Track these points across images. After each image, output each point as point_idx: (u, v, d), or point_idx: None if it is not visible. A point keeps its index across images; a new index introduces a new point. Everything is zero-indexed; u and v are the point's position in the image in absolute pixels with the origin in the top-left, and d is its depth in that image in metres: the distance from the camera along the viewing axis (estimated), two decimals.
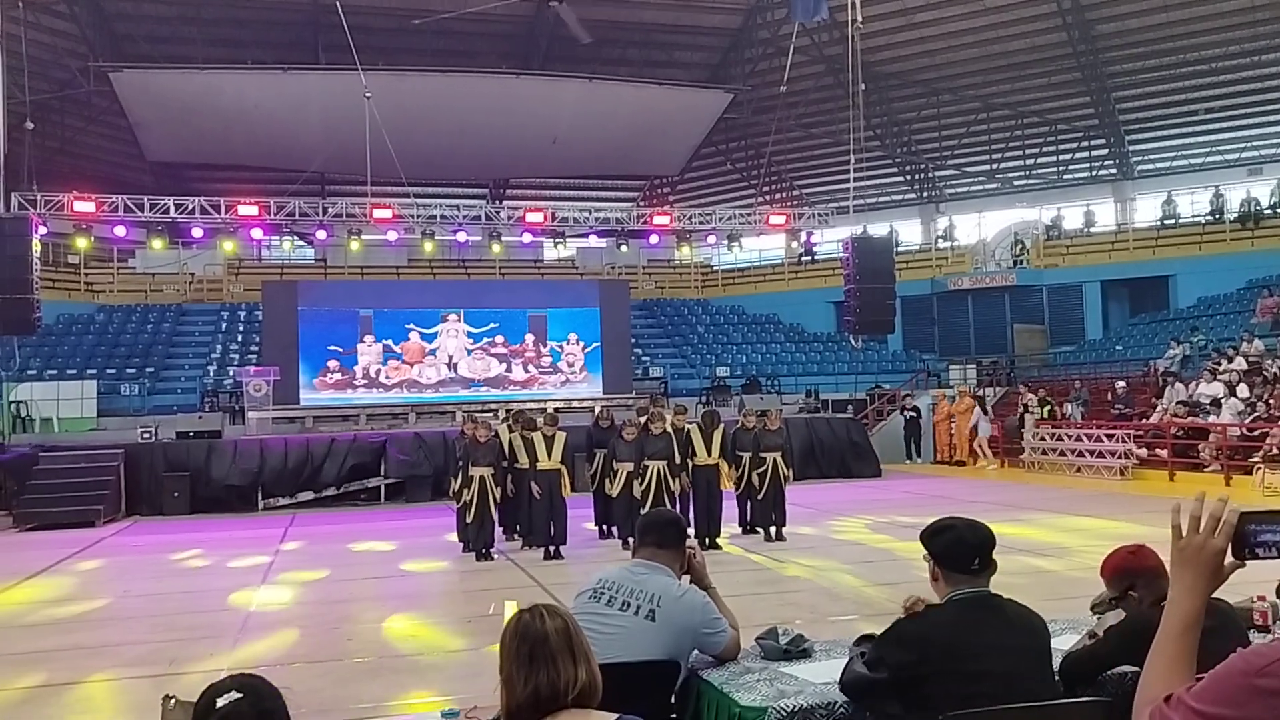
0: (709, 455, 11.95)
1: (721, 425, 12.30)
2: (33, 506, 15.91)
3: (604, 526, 12.82)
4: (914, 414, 23.67)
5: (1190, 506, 1.80)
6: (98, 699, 6.31)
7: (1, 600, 9.85)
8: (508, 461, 11.92)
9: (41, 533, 15.01)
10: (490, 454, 11.62)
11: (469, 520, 11.46)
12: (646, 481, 11.37)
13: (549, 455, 11.48)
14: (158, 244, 23.07)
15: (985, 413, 23.41)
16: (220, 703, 2.00)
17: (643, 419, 12.42)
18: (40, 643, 7.89)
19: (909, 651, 2.98)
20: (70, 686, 6.61)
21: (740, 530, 12.60)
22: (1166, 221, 30.13)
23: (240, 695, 2.01)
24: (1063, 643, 3.46)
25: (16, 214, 19.58)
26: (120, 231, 22.33)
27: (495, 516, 11.62)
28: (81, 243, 23.01)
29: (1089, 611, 4.44)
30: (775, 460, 12.30)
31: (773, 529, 12.12)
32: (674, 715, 3.54)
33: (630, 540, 11.25)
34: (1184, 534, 1.78)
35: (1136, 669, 3.25)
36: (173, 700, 3.06)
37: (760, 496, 12.29)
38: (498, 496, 11.50)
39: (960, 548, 3.06)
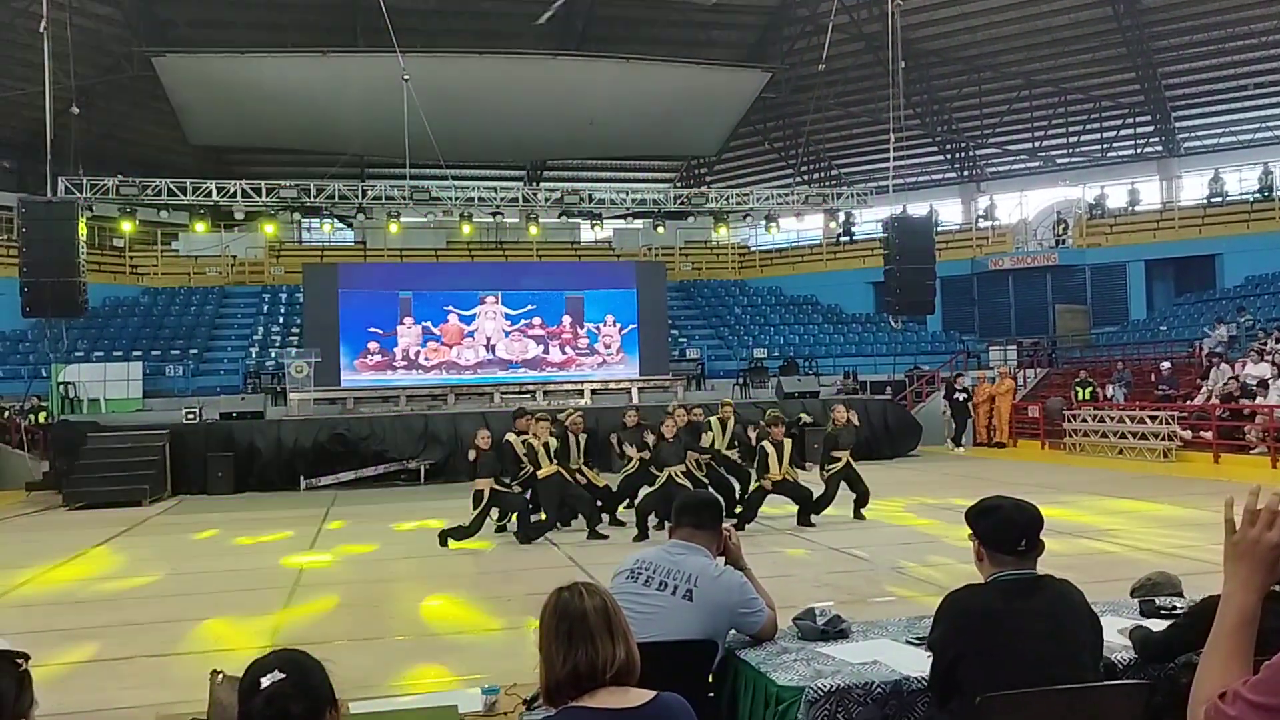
0: (780, 468, 11.58)
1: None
2: (81, 486, 16.24)
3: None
4: (965, 395, 22.80)
5: (1244, 500, 1.77)
6: (147, 674, 6.45)
7: (52, 577, 10.09)
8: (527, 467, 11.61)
9: (90, 511, 15.33)
10: (490, 465, 11.22)
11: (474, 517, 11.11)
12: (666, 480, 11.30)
13: (549, 459, 11.36)
14: (200, 227, 23.37)
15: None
16: (264, 683, 2.00)
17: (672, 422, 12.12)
18: (90, 619, 8.07)
19: (944, 628, 2.98)
20: (120, 661, 6.76)
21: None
22: (1213, 199, 29.58)
23: (284, 676, 2.01)
24: (1105, 625, 3.43)
25: (63, 198, 19.91)
26: (164, 215, 22.62)
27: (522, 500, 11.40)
28: (126, 226, 23.34)
29: (1129, 595, 4.42)
30: (847, 459, 12.16)
31: (812, 515, 11.97)
32: (711, 694, 3.57)
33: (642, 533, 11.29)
34: (1238, 528, 1.74)
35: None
36: (220, 675, 3.13)
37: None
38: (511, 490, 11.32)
39: (1007, 529, 3.03)
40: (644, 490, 11.85)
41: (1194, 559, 8.66)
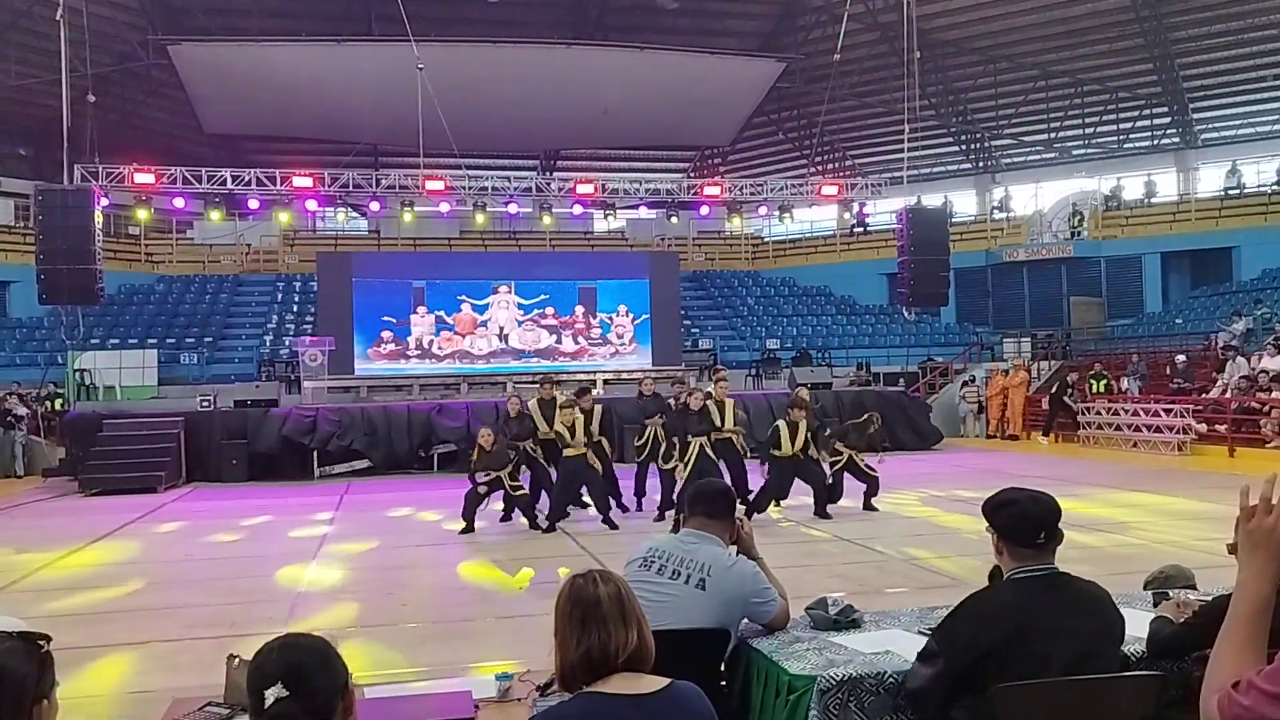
0: (793, 449, 11.49)
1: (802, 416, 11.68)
2: (97, 472, 16.35)
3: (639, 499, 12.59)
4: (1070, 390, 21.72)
5: (1260, 488, 1.76)
6: (164, 657, 6.51)
7: (70, 562, 10.16)
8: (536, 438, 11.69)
9: (106, 498, 15.43)
10: (500, 459, 11.21)
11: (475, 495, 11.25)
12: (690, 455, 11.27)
13: (572, 437, 11.29)
14: (215, 215, 23.44)
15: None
16: (268, 699, 1.96)
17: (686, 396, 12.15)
18: (108, 604, 8.15)
19: (966, 633, 2.93)
20: (137, 645, 6.82)
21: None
22: (1230, 191, 29.39)
23: (286, 693, 1.96)
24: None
25: (79, 186, 19.99)
26: (179, 203, 22.74)
27: (523, 492, 11.42)
28: (142, 214, 23.44)
29: (1142, 588, 4.41)
30: (850, 456, 12.11)
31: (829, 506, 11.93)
32: (723, 682, 3.58)
33: (666, 513, 11.29)
34: (1254, 516, 1.73)
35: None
36: (237, 659, 3.15)
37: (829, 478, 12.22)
38: (517, 481, 11.32)
39: (1024, 523, 2.99)
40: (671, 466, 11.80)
41: (1208, 552, 8.62)
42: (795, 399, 12.03)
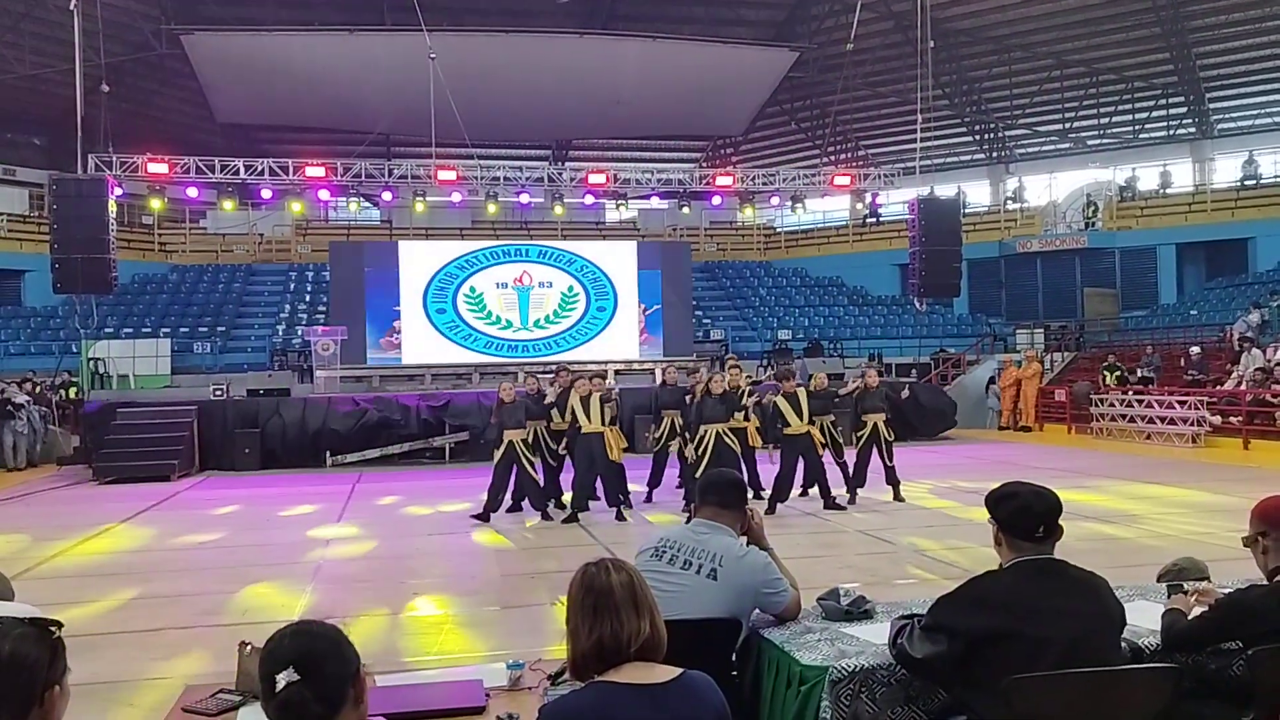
0: (801, 423, 11.50)
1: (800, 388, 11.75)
2: (111, 460, 16.44)
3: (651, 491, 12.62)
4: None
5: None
6: (176, 644, 6.54)
7: (84, 549, 10.22)
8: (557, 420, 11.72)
9: (119, 485, 15.51)
10: (517, 414, 11.28)
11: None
12: (705, 444, 11.22)
13: (588, 417, 11.27)
14: (228, 205, 23.49)
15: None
16: (279, 683, 1.95)
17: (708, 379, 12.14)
18: (120, 590, 8.18)
19: (969, 615, 2.94)
20: (149, 633, 6.85)
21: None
22: (1247, 182, 29.19)
23: (298, 677, 1.95)
24: (1133, 609, 3.41)
25: (94, 175, 20.05)
26: (192, 193, 22.77)
27: (533, 478, 11.34)
28: (155, 204, 23.50)
29: (1155, 580, 4.38)
30: (877, 423, 12.19)
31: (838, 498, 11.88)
32: (734, 673, 3.57)
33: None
34: None
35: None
36: (249, 646, 3.16)
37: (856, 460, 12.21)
38: (532, 459, 11.27)
39: (1025, 516, 3.02)
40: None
41: (1221, 545, 8.58)
42: (781, 372, 11.98)
